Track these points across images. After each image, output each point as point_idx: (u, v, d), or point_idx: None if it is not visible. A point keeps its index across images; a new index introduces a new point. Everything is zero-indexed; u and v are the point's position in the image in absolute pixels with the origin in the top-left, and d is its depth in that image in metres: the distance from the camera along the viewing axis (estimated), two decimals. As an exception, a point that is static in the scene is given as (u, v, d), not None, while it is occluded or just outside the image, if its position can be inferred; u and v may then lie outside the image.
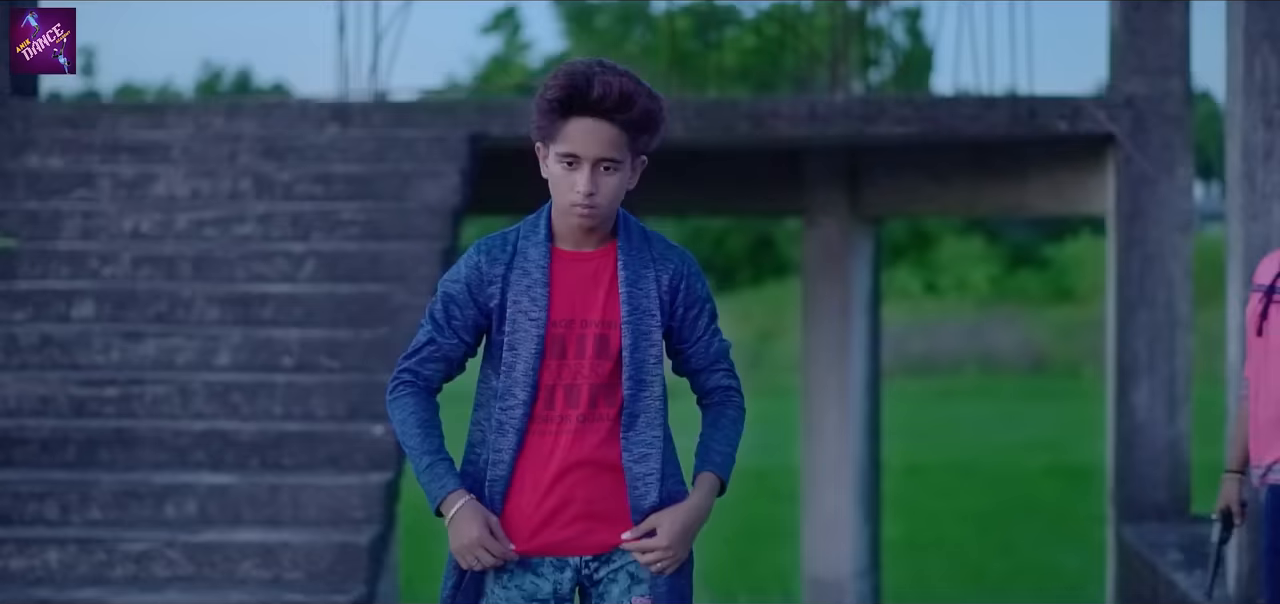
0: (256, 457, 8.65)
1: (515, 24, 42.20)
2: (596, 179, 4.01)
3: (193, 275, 9.70)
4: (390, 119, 10.84)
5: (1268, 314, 5.50)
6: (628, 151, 4.02)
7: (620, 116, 3.97)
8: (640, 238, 4.15)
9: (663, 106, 4.06)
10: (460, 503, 4.05)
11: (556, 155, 4.02)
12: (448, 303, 4.16)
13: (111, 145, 10.61)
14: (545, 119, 4.02)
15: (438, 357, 4.16)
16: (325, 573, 7.99)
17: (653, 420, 4.09)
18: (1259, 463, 5.57)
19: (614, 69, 4.00)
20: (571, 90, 3.97)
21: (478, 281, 4.13)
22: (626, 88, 3.97)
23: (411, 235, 9.91)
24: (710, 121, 10.62)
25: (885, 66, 31.48)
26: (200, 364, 9.18)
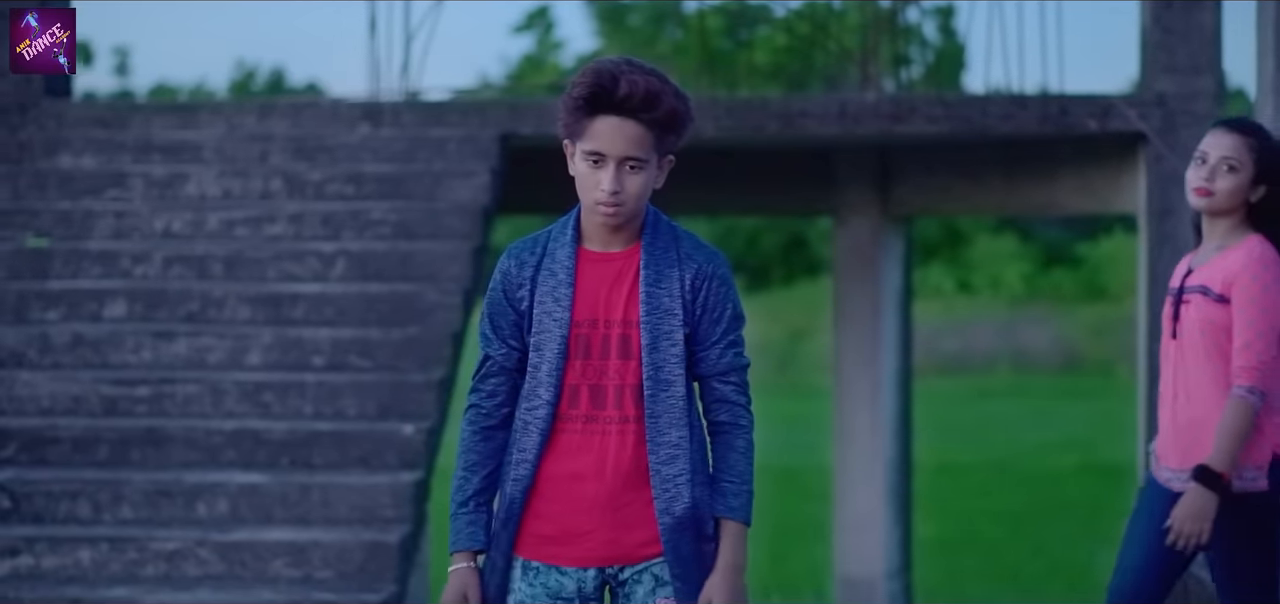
0: (287, 456, 8.68)
1: (547, 23, 42.23)
2: (621, 177, 4.01)
3: (224, 275, 9.73)
4: (421, 119, 10.85)
5: (1179, 317, 5.57)
6: (653, 151, 4.02)
7: (646, 116, 3.98)
8: (669, 237, 4.15)
9: (689, 106, 4.06)
10: (454, 568, 4.19)
11: (582, 153, 4.03)
12: (490, 311, 4.22)
13: (144, 145, 10.65)
14: (571, 116, 4.04)
15: (494, 371, 4.22)
16: (356, 572, 8.02)
17: (676, 421, 4.08)
18: (1165, 463, 5.63)
19: (641, 68, 4.01)
20: (598, 88, 3.98)
21: (509, 285, 4.18)
22: (653, 87, 3.98)
23: (442, 235, 9.92)
24: (740, 120, 10.62)
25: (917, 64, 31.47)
26: (231, 363, 9.21)
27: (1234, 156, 5.50)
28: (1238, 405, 5.39)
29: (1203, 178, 5.52)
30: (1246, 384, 5.39)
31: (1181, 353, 5.56)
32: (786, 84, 24.11)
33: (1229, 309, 5.44)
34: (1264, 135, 5.59)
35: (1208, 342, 5.47)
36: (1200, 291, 5.50)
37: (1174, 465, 5.58)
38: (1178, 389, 5.58)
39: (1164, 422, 5.67)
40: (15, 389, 9.02)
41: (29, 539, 8.10)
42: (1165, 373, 5.67)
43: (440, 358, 9.19)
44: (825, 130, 10.77)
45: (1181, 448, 5.56)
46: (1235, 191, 5.51)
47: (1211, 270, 5.51)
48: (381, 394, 8.96)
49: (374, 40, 12.33)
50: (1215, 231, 5.58)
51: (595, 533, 4.12)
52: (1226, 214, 5.56)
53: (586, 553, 4.13)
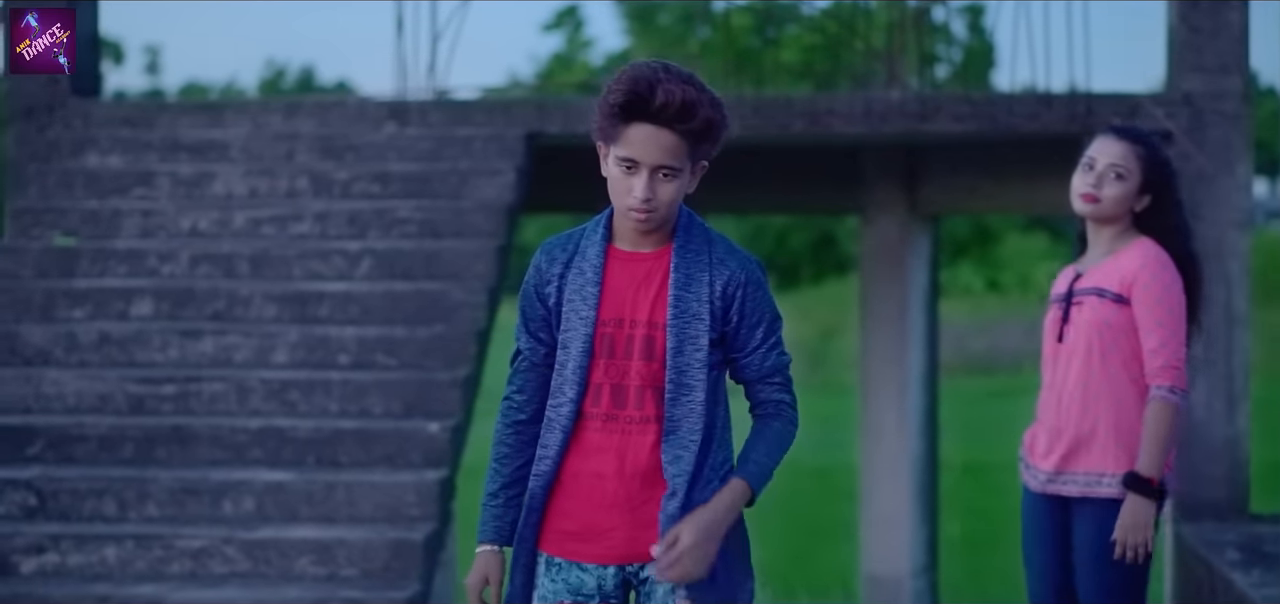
0: (313, 454, 8.70)
1: (577, 22, 42.31)
2: (654, 185, 4.00)
3: (250, 274, 9.75)
4: (447, 117, 10.86)
5: (1068, 320, 5.55)
6: (687, 159, 4.00)
7: (681, 126, 3.96)
8: (701, 240, 4.14)
9: (725, 115, 4.03)
10: (480, 550, 4.24)
11: (616, 158, 4.02)
12: (522, 306, 4.24)
13: (170, 144, 10.68)
14: (607, 121, 4.02)
15: (526, 367, 4.24)
16: (380, 570, 8.03)
17: (695, 426, 4.07)
18: (1041, 466, 5.64)
19: (678, 76, 3.98)
20: (634, 96, 3.96)
21: (539, 280, 4.20)
22: (689, 97, 3.95)
23: (467, 233, 9.94)
24: (766, 119, 10.62)
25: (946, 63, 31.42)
26: (257, 362, 9.23)
27: (1122, 164, 5.51)
28: (1163, 407, 5.37)
29: (1090, 184, 5.53)
30: (1167, 384, 5.38)
31: (1068, 358, 5.54)
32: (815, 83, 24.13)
33: (1127, 310, 5.46)
34: (1152, 144, 5.59)
35: (1105, 343, 5.47)
36: (1095, 294, 5.50)
37: (1049, 467, 5.59)
38: (1062, 395, 5.55)
39: (1042, 423, 5.65)
40: (42, 387, 9.05)
41: (55, 537, 8.13)
42: (1047, 377, 5.64)
43: (465, 356, 9.21)
44: (851, 129, 10.77)
45: (1062, 452, 5.55)
46: (1121, 199, 5.52)
47: (1103, 273, 5.52)
48: (407, 392, 8.97)
49: (401, 40, 12.35)
50: (1101, 238, 5.59)
51: (615, 531, 4.13)
52: (1112, 221, 5.56)
53: (606, 551, 4.13)
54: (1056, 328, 5.59)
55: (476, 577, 4.20)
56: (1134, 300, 5.43)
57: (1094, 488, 5.52)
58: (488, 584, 4.19)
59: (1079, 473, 5.53)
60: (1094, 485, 5.52)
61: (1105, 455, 5.49)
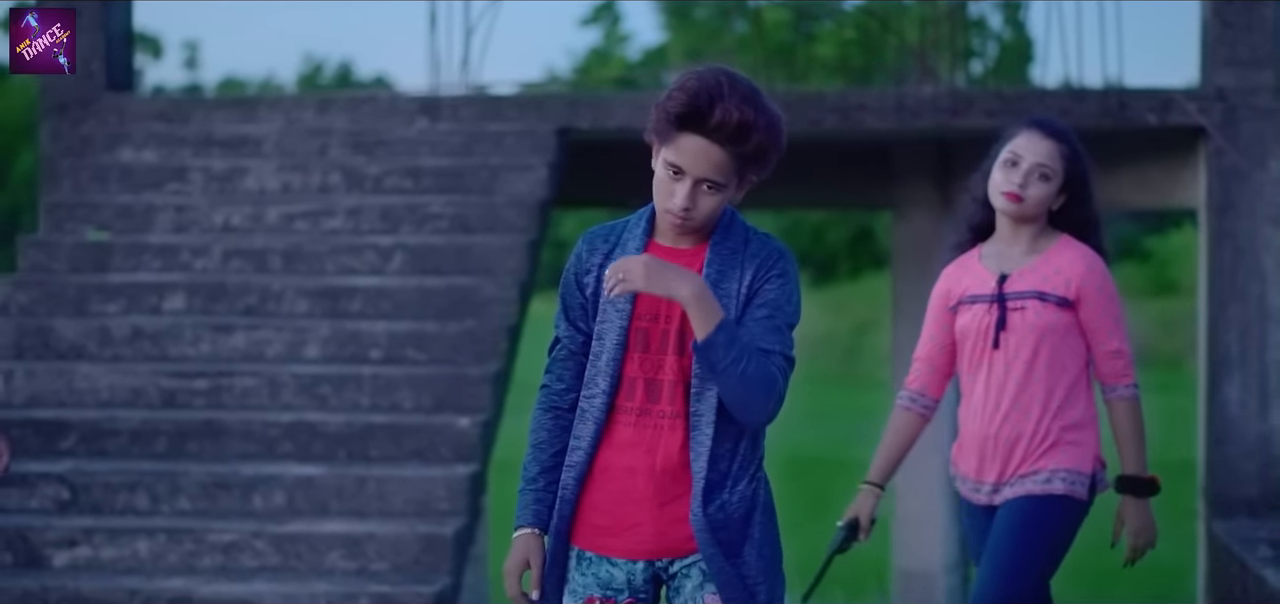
0: (343, 448, 8.73)
1: (614, 17, 42.30)
2: (696, 196, 3.99)
3: (282, 268, 9.78)
4: (479, 113, 10.88)
5: (1005, 324, 5.38)
6: (733, 177, 3.99)
7: (733, 147, 3.93)
8: (739, 237, 4.11)
9: (779, 141, 4.00)
10: (518, 534, 4.22)
11: (664, 160, 4.02)
12: (562, 294, 4.23)
13: (204, 139, 10.71)
14: (661, 125, 4.00)
15: (564, 355, 4.23)
16: (410, 564, 8.05)
17: (715, 420, 4.06)
18: (982, 480, 5.49)
19: (741, 95, 3.94)
20: (693, 108, 3.94)
21: (579, 269, 4.21)
22: (746, 120, 3.92)
23: (499, 228, 9.95)
24: (798, 115, 10.60)
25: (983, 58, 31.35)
26: (289, 356, 9.26)
27: (1048, 164, 5.36)
28: (1135, 405, 5.37)
29: (1016, 182, 5.36)
30: (1132, 382, 5.35)
31: (1009, 363, 5.39)
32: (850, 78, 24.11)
33: (1070, 314, 5.34)
34: (1074, 143, 5.46)
35: (1051, 347, 5.34)
36: (1036, 297, 5.35)
37: (991, 478, 5.45)
38: (1001, 401, 5.40)
39: (974, 433, 5.49)
40: (75, 381, 9.10)
41: (87, 530, 8.17)
42: (978, 383, 5.47)
43: (496, 351, 9.22)
44: (883, 124, 10.76)
45: (1001, 461, 5.41)
46: (1044, 200, 5.38)
47: (1039, 276, 5.38)
48: (438, 387, 8.99)
49: (434, 35, 12.39)
50: (1020, 237, 5.43)
51: (644, 525, 4.13)
52: (1032, 220, 5.41)
53: (636, 545, 4.14)
54: (990, 332, 5.41)
55: (516, 560, 4.21)
56: (1084, 303, 5.33)
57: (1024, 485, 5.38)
58: (527, 568, 4.19)
59: (1029, 477, 5.36)
60: (1026, 483, 5.38)
61: (1041, 454, 5.36)
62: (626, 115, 10.26)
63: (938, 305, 5.60)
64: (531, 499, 4.22)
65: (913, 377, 5.68)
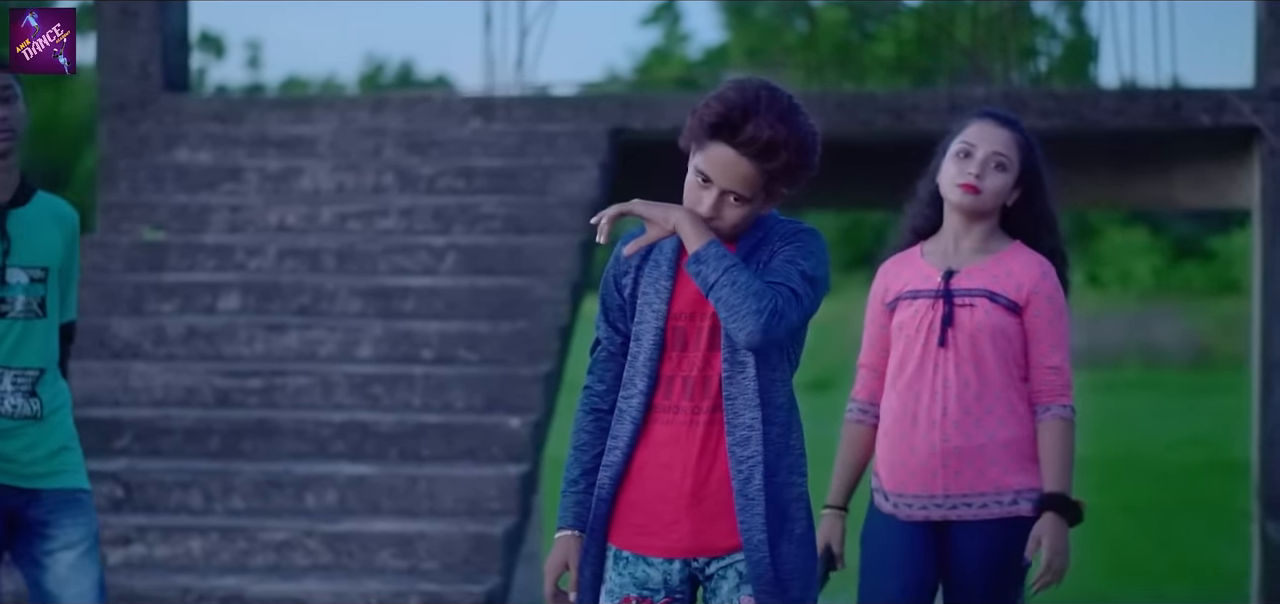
0: (395, 447, 8.77)
1: (674, 16, 42.31)
2: (722, 206, 4.04)
3: (336, 268, 9.83)
4: (532, 113, 10.91)
5: (953, 320, 4.99)
6: (761, 192, 4.03)
7: (761, 163, 3.98)
8: (765, 227, 4.15)
9: (810, 160, 4.03)
10: (559, 535, 4.27)
11: (695, 167, 4.07)
12: (602, 296, 4.29)
13: (259, 139, 10.78)
14: (694, 131, 4.06)
15: (604, 356, 4.29)
16: (461, 563, 8.08)
17: (749, 402, 4.08)
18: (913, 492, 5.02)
19: (776, 110, 3.98)
20: (724, 120, 3.99)
21: (617, 271, 4.26)
22: (776, 139, 3.96)
23: (551, 229, 9.98)
24: (850, 115, 10.61)
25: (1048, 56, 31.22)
26: (342, 356, 9.31)
27: (1005, 153, 5.00)
28: (1068, 427, 4.99)
29: (972, 173, 4.98)
30: (1068, 402, 4.99)
31: (955, 364, 4.97)
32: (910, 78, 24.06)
33: (1017, 319, 4.96)
34: (1028, 134, 5.12)
35: (998, 350, 4.96)
36: (986, 296, 4.98)
37: (938, 491, 4.99)
38: (947, 405, 4.97)
39: (915, 443, 5.01)
40: (130, 380, 9.16)
41: (141, 528, 8.24)
42: (921, 386, 5.01)
43: (548, 351, 9.25)
44: (935, 126, 10.69)
45: (950, 472, 4.97)
46: (1002, 192, 5.01)
47: (989, 275, 5.00)
48: (489, 387, 9.02)
49: (489, 35, 12.42)
50: (971, 233, 5.05)
51: (681, 524, 4.15)
52: (987, 215, 5.04)
53: (672, 544, 4.16)
54: (936, 329, 4.99)
55: (556, 560, 4.25)
56: (1031, 312, 4.95)
57: (990, 509, 4.99)
58: (567, 569, 4.24)
59: (975, 494, 4.98)
60: (990, 505, 4.99)
61: (1005, 472, 4.98)
62: (679, 116, 10.14)
63: (875, 304, 5.17)
64: (573, 501, 4.26)
65: (860, 386, 5.20)
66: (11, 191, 5.19)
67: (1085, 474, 16.84)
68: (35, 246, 5.19)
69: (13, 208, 5.18)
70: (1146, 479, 23.18)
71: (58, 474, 5.25)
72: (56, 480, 5.24)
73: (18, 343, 5.14)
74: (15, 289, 5.14)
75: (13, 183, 5.20)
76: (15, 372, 5.14)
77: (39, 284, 5.18)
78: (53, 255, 5.23)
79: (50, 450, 5.22)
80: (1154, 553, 19.31)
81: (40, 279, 5.19)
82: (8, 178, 5.18)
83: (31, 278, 5.17)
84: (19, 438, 5.15)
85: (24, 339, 5.15)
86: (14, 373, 5.14)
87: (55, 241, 5.24)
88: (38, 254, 5.19)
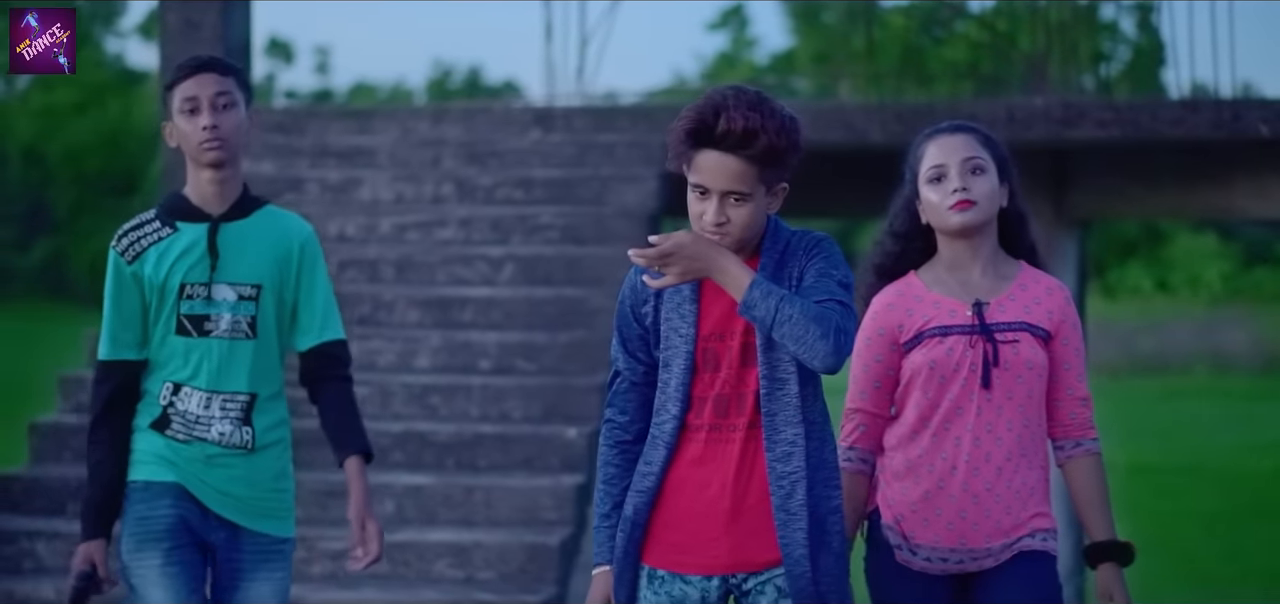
0: (452, 457, 8.81)
1: (742, 21, 42.32)
2: (725, 209, 4.08)
3: (395, 278, 9.89)
4: (592, 123, 10.95)
5: (998, 360, 4.54)
6: (757, 183, 4.07)
7: (743, 152, 4.03)
8: (785, 244, 4.19)
9: (792, 141, 4.08)
10: (598, 572, 4.29)
11: (690, 185, 4.11)
12: (619, 328, 4.30)
13: (319, 150, 10.85)
14: (677, 150, 4.11)
15: (626, 387, 4.31)
16: (516, 573, 8.12)
17: (791, 418, 4.11)
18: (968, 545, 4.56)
19: (745, 102, 4.04)
20: (699, 123, 4.05)
21: (635, 300, 4.27)
22: (751, 125, 4.02)
23: (609, 239, 10.00)
24: (909, 126, 10.56)
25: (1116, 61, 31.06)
26: (400, 366, 9.36)
27: (975, 155, 4.57)
28: (1101, 462, 4.64)
29: (957, 187, 4.53)
30: (1097, 435, 4.65)
31: (998, 405, 4.55)
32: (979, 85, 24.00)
33: (1045, 348, 4.58)
34: (982, 129, 4.71)
35: (1040, 389, 4.58)
36: (1026, 330, 4.56)
37: (977, 543, 4.55)
38: (991, 450, 4.53)
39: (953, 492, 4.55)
40: (191, 390, 9.22)
41: (200, 537, 8.28)
42: (959, 430, 4.55)
43: (605, 362, 9.26)
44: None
45: (992, 522, 4.54)
46: (994, 193, 4.56)
47: (1020, 306, 4.58)
48: (546, 397, 9.06)
49: (550, 45, 12.47)
50: (979, 257, 4.61)
51: (720, 541, 4.17)
52: (985, 226, 4.59)
53: (711, 561, 4.18)
54: (975, 369, 4.53)
55: (596, 596, 4.28)
56: (1060, 340, 4.59)
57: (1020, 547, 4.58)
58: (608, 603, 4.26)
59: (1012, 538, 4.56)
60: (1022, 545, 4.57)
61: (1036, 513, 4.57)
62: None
63: (880, 345, 4.62)
64: (607, 536, 4.28)
65: (856, 434, 4.63)
66: (227, 205, 4.88)
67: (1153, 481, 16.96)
68: (246, 263, 4.88)
69: (227, 221, 4.88)
70: (1215, 486, 23.06)
71: (261, 517, 4.98)
72: (258, 522, 4.96)
73: (223, 365, 4.85)
74: (221, 306, 4.84)
75: (230, 195, 4.89)
76: (223, 396, 4.87)
77: (248, 302, 4.87)
78: (266, 272, 4.90)
79: (257, 488, 4.97)
80: (1222, 561, 19.20)
81: (249, 297, 4.88)
82: (222, 190, 4.87)
83: (239, 295, 4.86)
84: (226, 468, 4.88)
85: (230, 361, 4.86)
86: (222, 398, 4.87)
87: (270, 258, 4.91)
88: (247, 271, 4.88)
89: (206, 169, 4.85)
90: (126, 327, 4.87)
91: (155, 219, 4.89)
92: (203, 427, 4.85)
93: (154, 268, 4.83)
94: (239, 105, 4.86)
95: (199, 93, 4.81)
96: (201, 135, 4.80)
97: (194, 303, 4.83)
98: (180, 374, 4.85)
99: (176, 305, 4.83)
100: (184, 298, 4.83)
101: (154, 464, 4.85)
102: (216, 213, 4.87)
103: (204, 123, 4.79)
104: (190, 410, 4.85)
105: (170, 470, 4.84)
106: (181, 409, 4.85)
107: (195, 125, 4.81)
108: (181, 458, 4.84)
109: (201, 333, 4.83)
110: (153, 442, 4.86)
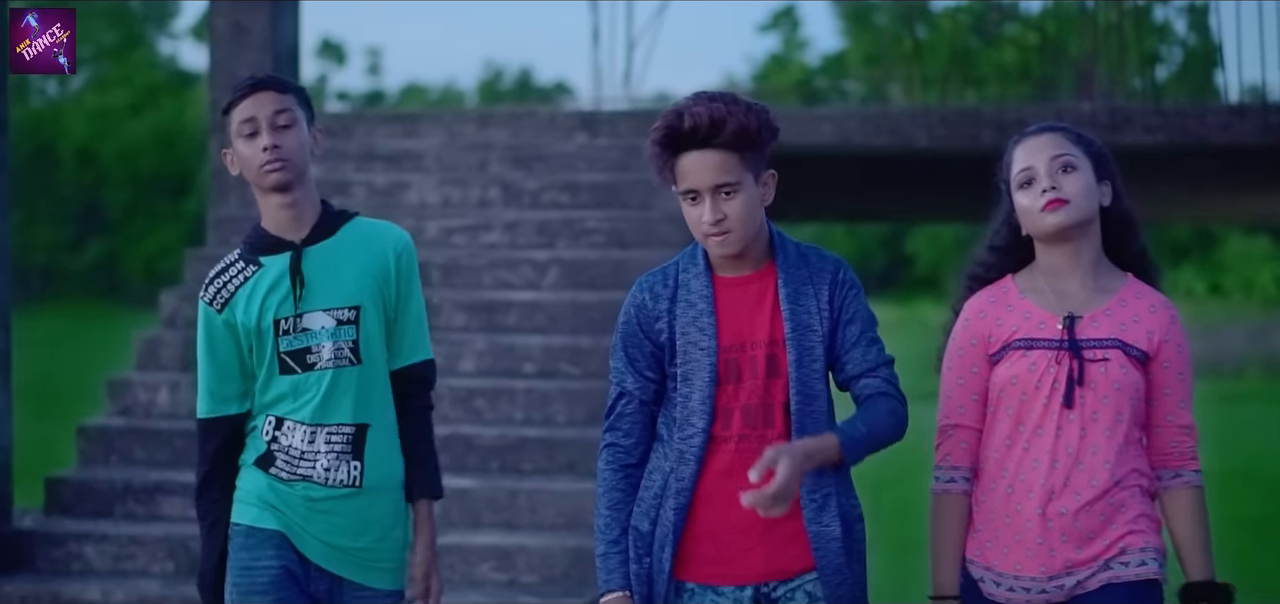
0: (496, 461, 8.84)
1: (793, 22, 42.29)
2: (718, 204, 4.08)
3: (441, 282, 9.92)
4: (637, 127, 10.97)
5: (1084, 379, 4.30)
6: (744, 172, 4.08)
7: (717, 141, 4.05)
8: (797, 256, 4.22)
9: (765, 119, 4.12)
10: (604, 599, 4.23)
11: (680, 195, 4.13)
12: (625, 346, 4.27)
13: (367, 154, 10.89)
14: (658, 165, 4.14)
15: (633, 408, 4.27)
16: (560, 577, 8.13)
17: (824, 430, 4.12)
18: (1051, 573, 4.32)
19: (706, 97, 4.12)
20: (667, 128, 4.08)
21: (644, 317, 4.25)
22: (717, 113, 4.05)
23: (655, 243, 10.02)
24: (954, 130, 10.58)
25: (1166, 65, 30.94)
26: (446, 370, 9.38)
27: (1066, 152, 4.33)
28: (1202, 495, 4.38)
29: (1048, 187, 4.29)
30: (1199, 466, 4.38)
31: (1083, 426, 4.30)
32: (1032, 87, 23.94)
33: (1144, 371, 4.33)
34: (1070, 126, 4.46)
35: (1134, 411, 4.31)
36: (1119, 347, 4.31)
37: (1059, 569, 4.31)
38: (1069, 474, 4.30)
39: (1028, 516, 4.32)
40: (237, 393, 9.26)
41: (245, 539, 8.32)
42: (1037, 451, 4.33)
43: (649, 365, 9.28)
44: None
45: (1072, 546, 4.30)
46: (1089, 191, 4.29)
47: (1116, 322, 4.33)
48: (590, 401, 9.07)
49: (597, 49, 12.51)
50: (1079, 264, 4.36)
51: (752, 551, 4.17)
52: (1085, 227, 4.32)
53: (743, 571, 4.18)
54: (1058, 387, 4.31)
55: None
56: (1160, 362, 4.32)
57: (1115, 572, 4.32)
58: None
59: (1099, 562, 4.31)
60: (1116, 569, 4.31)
61: (1129, 533, 4.30)
62: (795, 127, 10.26)
63: (974, 355, 4.41)
64: (617, 562, 4.23)
65: (955, 451, 4.42)
66: (308, 227, 4.57)
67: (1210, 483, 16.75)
68: (340, 285, 4.55)
69: (311, 244, 4.56)
70: (1268, 491, 22.95)
71: (365, 569, 4.60)
72: (362, 575, 4.59)
73: (327, 396, 4.51)
74: (319, 336, 4.52)
75: (308, 217, 4.58)
76: (328, 429, 4.53)
77: (347, 326, 4.53)
78: (364, 291, 4.56)
79: (364, 538, 4.59)
80: (1276, 566, 19.11)
81: (349, 321, 4.54)
82: (297, 213, 4.56)
83: (338, 320, 4.53)
84: (329, 516, 4.55)
85: (334, 391, 4.52)
86: (327, 431, 4.53)
87: (367, 275, 4.57)
88: (342, 293, 4.55)
89: (273, 194, 4.56)
90: (224, 380, 4.58)
91: (238, 259, 4.60)
92: (308, 463, 4.54)
93: (244, 311, 4.54)
94: (300, 123, 4.56)
95: (257, 113, 4.53)
96: (262, 157, 4.51)
97: (291, 338, 4.52)
98: (283, 407, 4.55)
99: (275, 344, 4.52)
100: (280, 335, 4.52)
101: (257, 508, 4.56)
102: (297, 238, 4.56)
103: (264, 144, 4.51)
104: (294, 446, 4.55)
105: (273, 517, 4.54)
106: (285, 445, 4.55)
107: (255, 147, 4.52)
108: (284, 502, 4.54)
109: (305, 367, 4.53)
110: (257, 481, 4.57)
